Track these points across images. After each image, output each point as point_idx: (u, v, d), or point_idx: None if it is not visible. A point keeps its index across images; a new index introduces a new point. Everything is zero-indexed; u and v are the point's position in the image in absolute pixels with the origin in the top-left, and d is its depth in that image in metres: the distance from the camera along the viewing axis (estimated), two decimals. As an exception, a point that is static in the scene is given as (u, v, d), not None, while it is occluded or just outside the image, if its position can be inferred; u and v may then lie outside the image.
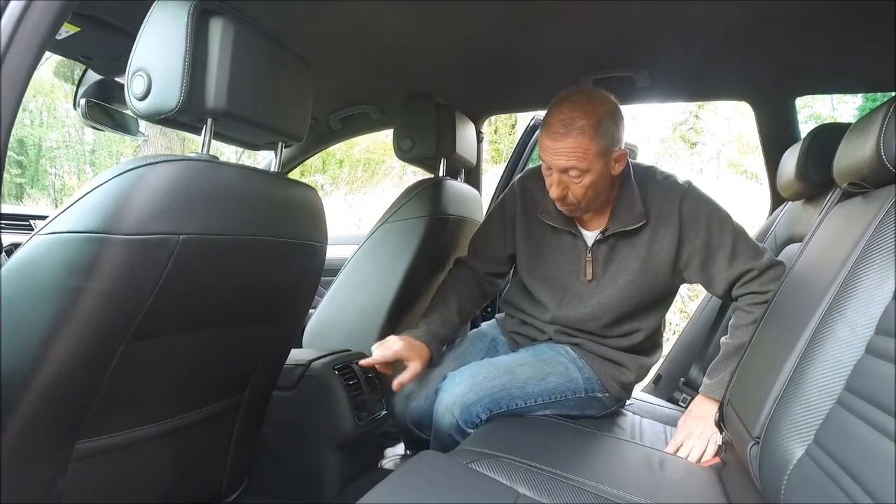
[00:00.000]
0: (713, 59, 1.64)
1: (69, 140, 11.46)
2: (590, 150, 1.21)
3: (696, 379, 1.82)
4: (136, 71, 0.88)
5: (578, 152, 1.21)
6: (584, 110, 1.21)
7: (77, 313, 0.76)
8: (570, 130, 1.20)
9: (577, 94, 1.25)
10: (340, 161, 9.68)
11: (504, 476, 1.01)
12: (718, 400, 1.28)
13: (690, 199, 1.34)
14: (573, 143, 1.21)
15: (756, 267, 1.31)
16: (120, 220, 0.76)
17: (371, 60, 1.77)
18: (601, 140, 1.22)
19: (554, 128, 1.22)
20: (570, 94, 1.26)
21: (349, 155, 9.57)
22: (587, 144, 1.21)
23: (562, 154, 1.22)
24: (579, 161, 1.22)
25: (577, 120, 1.20)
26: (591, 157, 1.22)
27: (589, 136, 1.20)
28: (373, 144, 9.09)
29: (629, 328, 1.42)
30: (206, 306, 0.95)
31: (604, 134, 1.22)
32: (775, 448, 0.83)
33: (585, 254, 1.39)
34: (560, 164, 1.23)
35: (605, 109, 1.23)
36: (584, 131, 1.20)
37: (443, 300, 1.50)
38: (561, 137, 1.21)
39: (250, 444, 1.30)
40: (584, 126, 1.20)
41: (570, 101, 1.23)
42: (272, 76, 0.98)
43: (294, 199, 1.08)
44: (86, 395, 0.84)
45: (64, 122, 11.22)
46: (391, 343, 1.35)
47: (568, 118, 1.21)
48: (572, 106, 1.22)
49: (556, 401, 1.37)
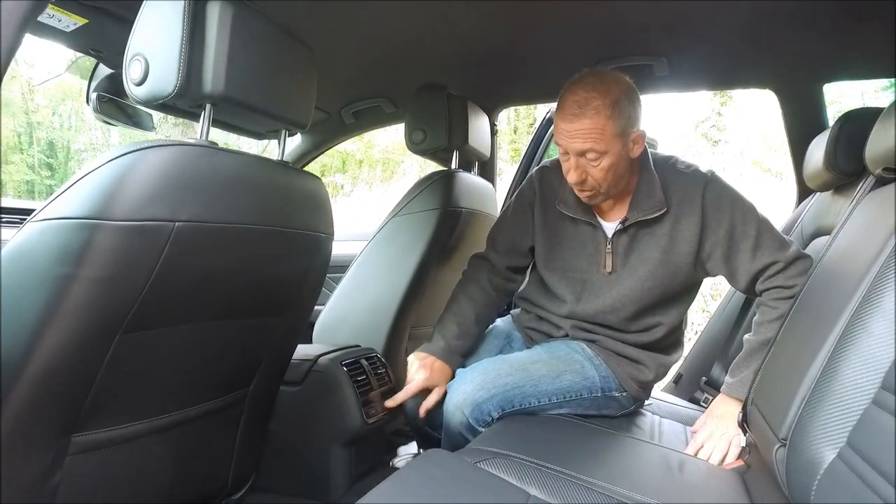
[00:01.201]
0: (736, 45, 1.58)
1: (96, 143, 11.71)
2: (606, 130, 1.17)
3: (719, 378, 1.76)
4: (133, 56, 0.86)
5: (595, 133, 1.17)
6: (598, 90, 1.17)
7: (69, 302, 0.74)
8: (586, 111, 1.16)
9: (590, 76, 1.21)
10: (360, 161, 9.73)
11: (514, 476, 0.97)
12: (741, 399, 1.23)
13: (713, 187, 1.29)
14: (589, 124, 1.17)
15: (781, 259, 1.25)
16: (112, 206, 0.74)
17: (382, 51, 1.74)
18: (618, 120, 1.18)
19: (568, 109, 1.18)
20: (582, 76, 1.22)
21: (368, 155, 9.61)
22: (604, 124, 1.17)
23: (578, 136, 1.18)
24: (596, 142, 1.18)
25: (592, 100, 1.16)
26: (609, 138, 1.18)
27: (605, 116, 1.16)
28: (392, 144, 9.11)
29: (650, 322, 1.37)
30: (206, 297, 0.93)
31: (620, 114, 1.18)
32: (804, 451, 0.78)
33: (605, 245, 1.35)
34: (577, 147, 1.19)
35: (621, 89, 1.19)
36: (600, 111, 1.16)
37: (459, 307, 1.44)
38: (576, 119, 1.17)
39: (256, 439, 1.27)
40: (600, 106, 1.16)
41: (584, 83, 1.19)
42: (274, 61, 0.95)
43: (298, 188, 1.05)
44: (81, 387, 0.82)
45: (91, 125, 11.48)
46: (413, 375, 1.33)
47: (582, 99, 1.17)
48: (586, 87, 1.18)
49: (571, 399, 1.33)
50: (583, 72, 1.24)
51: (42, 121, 9.59)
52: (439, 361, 1.35)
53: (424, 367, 1.33)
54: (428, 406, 1.32)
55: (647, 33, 1.58)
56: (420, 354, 1.36)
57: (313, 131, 2.35)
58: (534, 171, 1.50)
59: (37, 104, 9.41)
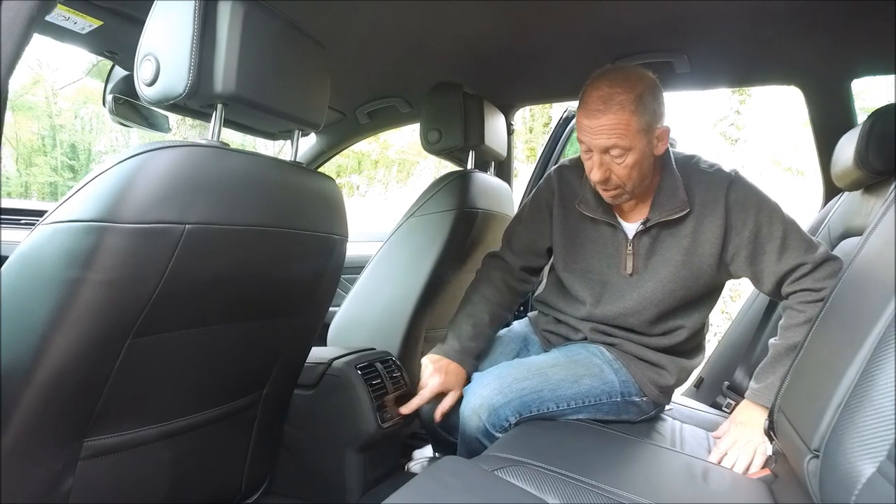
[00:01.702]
0: (759, 40, 1.53)
1: (116, 145, 11.89)
2: (631, 125, 1.15)
3: (742, 383, 1.72)
4: (144, 56, 0.85)
5: (620, 128, 1.14)
6: (622, 85, 1.15)
7: (78, 305, 0.73)
8: (610, 106, 1.14)
9: (613, 71, 1.19)
10: (375, 162, 9.76)
11: (532, 485, 0.94)
12: (766, 407, 1.18)
13: (737, 187, 1.25)
14: (614, 119, 1.14)
15: (808, 261, 1.21)
16: (121, 208, 0.72)
17: (396, 50, 1.72)
18: (642, 116, 1.15)
19: (592, 105, 1.16)
20: (605, 71, 1.20)
21: (384, 156, 9.65)
22: (628, 119, 1.14)
23: (602, 132, 1.16)
24: (621, 138, 1.15)
25: (617, 95, 1.14)
26: (633, 134, 1.16)
27: (630, 111, 1.14)
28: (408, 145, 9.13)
29: (672, 325, 1.34)
30: (218, 301, 0.91)
31: (645, 109, 1.15)
32: (839, 463, 0.73)
33: (626, 246, 1.32)
34: (601, 143, 1.17)
35: (645, 84, 1.17)
36: (625, 106, 1.14)
37: (474, 307, 1.42)
38: (600, 114, 1.15)
39: (270, 443, 1.26)
40: (624, 101, 1.14)
41: (608, 78, 1.17)
42: (286, 60, 0.93)
43: (311, 189, 1.03)
44: (92, 391, 0.81)
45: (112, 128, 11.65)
46: (426, 379, 1.31)
47: (606, 94, 1.15)
48: (610, 82, 1.16)
49: (590, 404, 1.30)
50: (605, 67, 1.22)
51: (64, 124, 9.77)
52: (454, 364, 1.33)
53: (439, 371, 1.31)
54: (443, 409, 1.30)
55: (667, 29, 1.54)
56: (434, 357, 1.34)
57: (328, 132, 2.34)
58: (552, 171, 1.47)
59: (59, 108, 9.58)
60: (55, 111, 9.47)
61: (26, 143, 9.12)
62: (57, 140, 9.39)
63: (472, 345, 1.37)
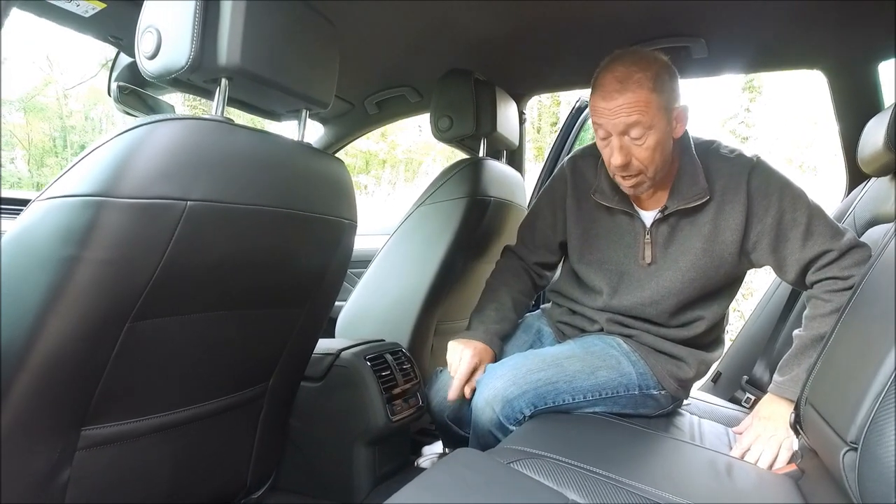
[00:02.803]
0: (780, 22, 1.48)
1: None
2: (651, 102, 1.11)
3: (762, 377, 1.67)
4: (146, 28, 0.82)
5: (640, 105, 1.11)
6: (638, 65, 1.12)
7: (73, 285, 0.69)
8: (628, 84, 1.11)
9: (626, 54, 1.16)
10: (383, 161, 9.77)
11: (550, 479, 0.89)
12: (792, 400, 1.14)
13: (759, 172, 1.21)
14: (633, 97, 1.11)
15: (835, 248, 1.17)
16: (120, 183, 0.69)
17: (405, 37, 1.68)
18: (661, 93, 1.12)
19: (609, 86, 1.12)
20: (617, 55, 1.17)
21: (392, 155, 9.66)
22: (647, 96, 1.11)
23: (621, 111, 1.12)
24: (642, 114, 1.11)
25: (634, 73, 1.11)
26: (654, 111, 1.12)
27: (648, 88, 1.11)
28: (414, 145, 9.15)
29: (691, 316, 1.30)
30: (221, 285, 0.87)
31: (663, 87, 1.12)
32: (881, 455, 0.69)
33: (643, 235, 1.27)
34: (620, 122, 1.13)
35: (660, 63, 1.14)
36: (643, 83, 1.10)
37: (495, 294, 1.42)
38: (618, 94, 1.11)
39: (276, 437, 1.22)
40: (642, 78, 1.11)
41: (622, 59, 1.14)
42: (293, 34, 0.89)
43: (320, 170, 0.99)
44: (89, 377, 0.77)
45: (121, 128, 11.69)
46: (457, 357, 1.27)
47: (623, 73, 1.11)
48: (625, 62, 1.13)
49: (606, 397, 1.25)
50: (615, 52, 1.19)
51: (75, 125, 9.82)
52: (481, 344, 1.30)
53: (469, 346, 1.28)
54: (472, 385, 1.25)
55: (684, 12, 1.49)
56: (459, 339, 1.31)
57: (336, 123, 2.31)
58: (564, 162, 1.43)
59: (70, 109, 9.64)
60: (66, 112, 9.53)
61: (38, 144, 9.18)
62: (67, 141, 9.44)
63: (496, 327, 1.35)
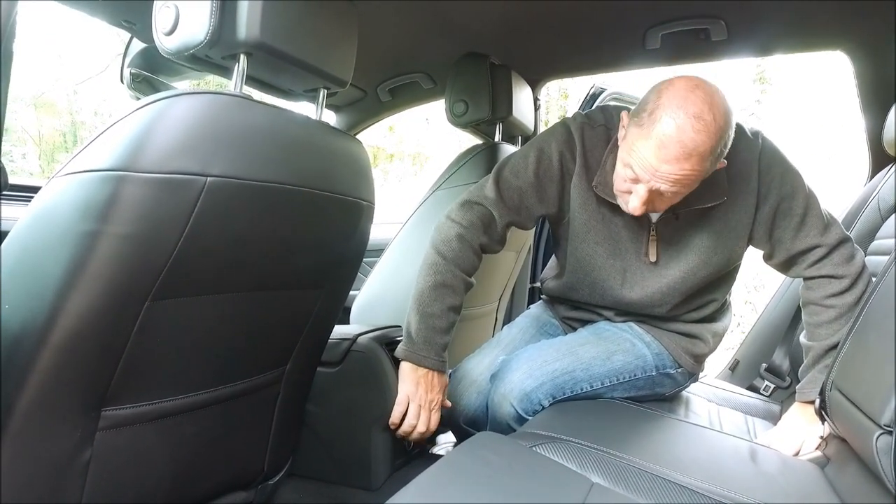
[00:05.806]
0: (802, 1, 1.44)
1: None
2: (702, 173, 1.00)
3: (781, 364, 1.65)
4: (163, 3, 0.80)
5: (691, 179, 1.00)
6: (709, 130, 0.96)
7: (94, 260, 0.68)
8: (690, 156, 0.96)
9: (700, 103, 0.96)
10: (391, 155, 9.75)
11: (574, 462, 0.88)
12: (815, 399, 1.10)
13: (765, 156, 1.15)
14: (688, 170, 0.98)
15: (823, 244, 1.14)
16: (140, 157, 0.68)
17: (419, 22, 1.66)
18: (715, 159, 1.01)
19: (670, 149, 0.96)
20: (688, 99, 0.97)
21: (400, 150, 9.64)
22: (701, 169, 0.99)
23: (669, 179, 0.99)
24: (686, 187, 1.02)
25: (701, 144, 0.96)
26: (700, 179, 1.02)
27: (708, 162, 0.99)
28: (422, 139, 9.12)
29: (700, 302, 1.27)
30: (241, 264, 0.86)
31: (721, 152, 1.01)
32: (920, 435, 0.67)
33: (648, 231, 1.19)
34: (664, 189, 1.01)
35: (727, 119, 0.99)
36: (705, 157, 0.97)
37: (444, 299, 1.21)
38: (675, 162, 0.97)
39: (293, 422, 1.21)
40: (706, 152, 0.97)
41: (695, 117, 0.95)
42: (312, 9, 0.88)
43: (338, 150, 0.98)
44: (110, 356, 0.76)
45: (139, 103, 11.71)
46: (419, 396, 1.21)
47: (690, 140, 0.95)
48: (696, 124, 0.95)
49: (624, 381, 1.23)
50: (687, 81, 1.00)
51: (85, 121, 9.85)
52: (437, 375, 1.21)
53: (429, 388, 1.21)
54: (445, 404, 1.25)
55: None
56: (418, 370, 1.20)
57: (349, 111, 2.30)
58: (573, 126, 1.21)
59: (80, 105, 9.67)
60: (76, 108, 9.56)
61: (48, 139, 9.22)
62: (77, 137, 9.47)
63: (445, 352, 1.23)
